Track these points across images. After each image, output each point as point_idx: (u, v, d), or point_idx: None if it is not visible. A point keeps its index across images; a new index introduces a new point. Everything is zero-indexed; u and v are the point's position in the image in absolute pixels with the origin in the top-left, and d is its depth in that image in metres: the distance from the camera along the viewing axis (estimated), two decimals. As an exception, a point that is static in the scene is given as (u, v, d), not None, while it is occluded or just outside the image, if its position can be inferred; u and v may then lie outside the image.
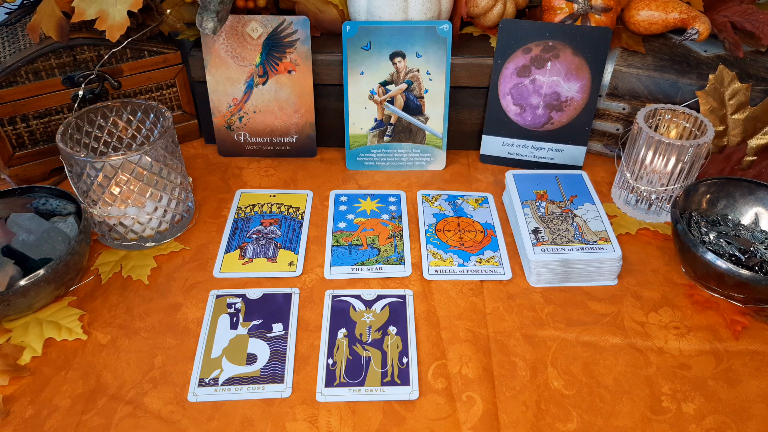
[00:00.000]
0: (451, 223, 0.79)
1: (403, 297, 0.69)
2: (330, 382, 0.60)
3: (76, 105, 0.82)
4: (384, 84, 0.84)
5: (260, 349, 0.64)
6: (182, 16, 0.89)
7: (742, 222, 0.75)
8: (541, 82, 0.84)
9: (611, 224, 0.75)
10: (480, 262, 0.74)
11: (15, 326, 0.65)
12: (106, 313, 0.67)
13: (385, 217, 0.80)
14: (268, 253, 0.75)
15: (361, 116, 0.86)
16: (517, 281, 0.72)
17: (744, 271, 0.63)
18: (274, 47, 0.83)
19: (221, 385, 0.60)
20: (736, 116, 0.81)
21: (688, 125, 0.79)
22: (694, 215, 0.75)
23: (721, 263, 0.64)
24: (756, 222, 0.74)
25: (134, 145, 0.79)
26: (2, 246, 0.68)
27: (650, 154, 0.76)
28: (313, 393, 0.60)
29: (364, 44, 0.82)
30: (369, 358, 0.63)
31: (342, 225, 0.79)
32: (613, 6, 0.82)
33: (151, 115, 0.77)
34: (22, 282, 0.61)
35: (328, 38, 0.87)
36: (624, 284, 0.72)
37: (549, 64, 0.83)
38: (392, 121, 0.87)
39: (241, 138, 0.90)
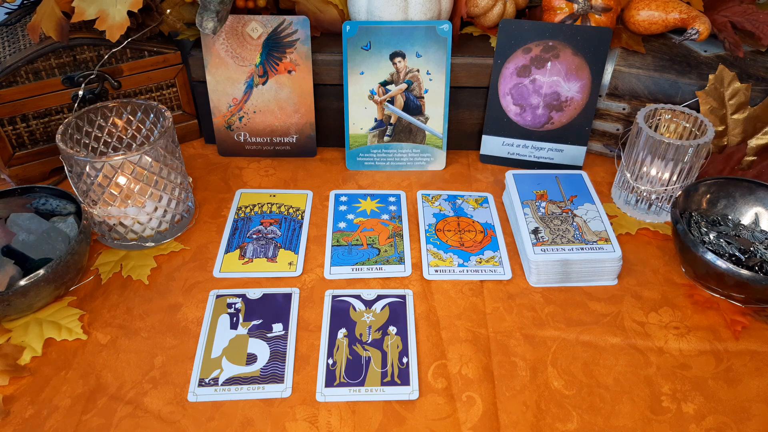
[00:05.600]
0: (451, 223, 0.79)
1: (403, 297, 0.69)
2: (330, 382, 0.60)
3: (76, 105, 0.82)
4: (384, 84, 0.84)
5: (260, 349, 0.64)
6: (182, 16, 0.90)
7: (742, 222, 0.75)
8: (541, 82, 0.84)
9: (611, 224, 0.75)
10: (480, 262, 0.74)
11: (15, 326, 0.65)
12: (106, 313, 0.67)
13: (385, 217, 0.80)
14: (268, 253, 0.75)
15: (361, 116, 0.86)
16: (517, 281, 0.72)
17: (744, 271, 0.63)
18: (274, 47, 0.83)
19: (221, 385, 0.60)
20: (736, 116, 0.81)
21: (688, 125, 0.79)
22: (694, 215, 0.75)
23: (721, 263, 0.64)
24: (756, 222, 0.74)
25: (134, 145, 0.79)
26: (2, 246, 0.68)
27: (650, 154, 0.76)
28: (313, 393, 0.60)
29: (364, 44, 0.82)
30: (369, 358, 0.63)
31: (342, 225, 0.79)
32: (613, 6, 0.82)
33: (151, 115, 0.77)
34: (22, 282, 0.61)
35: (328, 38, 0.87)
36: (624, 284, 0.72)
37: (549, 64, 0.83)
38: (392, 121, 0.87)
39: (241, 138, 0.90)
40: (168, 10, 0.87)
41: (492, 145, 0.90)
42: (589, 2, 0.82)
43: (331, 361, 0.62)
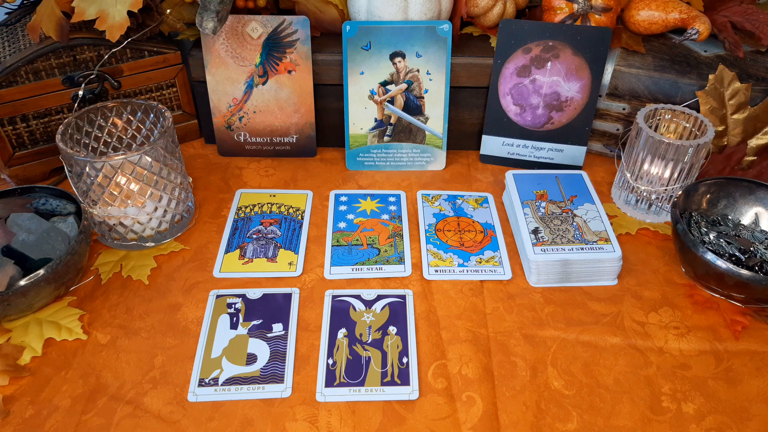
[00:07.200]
0: (451, 223, 0.79)
1: (403, 297, 0.69)
2: (330, 382, 0.60)
3: (76, 105, 0.82)
4: (384, 84, 0.84)
5: (260, 349, 0.64)
6: (182, 16, 0.89)
7: (742, 222, 0.75)
8: (541, 82, 0.84)
9: (611, 224, 0.75)
10: (480, 262, 0.74)
11: (15, 326, 0.65)
12: (106, 313, 0.67)
13: (385, 217, 0.80)
14: (268, 253, 0.75)
15: (361, 116, 0.86)
16: (517, 281, 0.72)
17: (744, 271, 0.63)
18: (274, 47, 0.83)
19: (221, 385, 0.60)
20: (736, 116, 0.81)
21: (688, 125, 0.79)
22: (694, 215, 0.75)
23: (721, 263, 0.64)
24: (756, 222, 0.74)
25: (134, 145, 0.79)
26: (2, 246, 0.68)
27: (650, 154, 0.76)
28: (313, 393, 0.60)
29: (364, 44, 0.82)
30: (369, 358, 0.63)
31: (342, 225, 0.79)
32: (613, 6, 0.82)
33: (151, 115, 0.77)
34: (22, 282, 0.61)
35: (328, 38, 0.87)
36: (624, 284, 0.72)
37: (549, 64, 0.83)
38: (392, 121, 0.87)
39: (241, 138, 0.90)
40: (168, 10, 0.87)
41: (492, 145, 0.90)
42: (589, 2, 0.82)
43: (331, 361, 0.62)
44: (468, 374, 0.61)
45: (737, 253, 0.70)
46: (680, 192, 0.73)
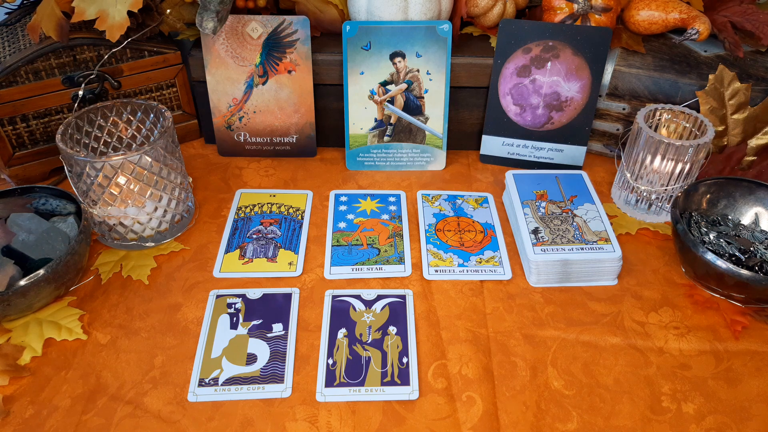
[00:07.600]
0: (451, 223, 0.79)
1: (403, 297, 0.69)
2: (330, 382, 0.60)
3: (76, 105, 0.82)
4: (384, 84, 0.84)
5: (260, 349, 0.64)
6: (182, 16, 0.89)
7: (742, 222, 0.75)
8: (541, 82, 0.84)
9: (611, 224, 0.75)
10: (480, 262, 0.74)
11: (15, 326, 0.65)
12: (106, 313, 0.67)
13: (385, 217, 0.80)
14: (268, 253, 0.75)
15: (361, 116, 0.86)
16: (517, 281, 0.72)
17: (744, 271, 0.63)
18: (274, 47, 0.83)
19: (221, 385, 0.60)
20: (736, 116, 0.81)
21: (688, 125, 0.79)
22: (694, 215, 0.75)
23: (721, 263, 0.64)
24: (756, 222, 0.74)
25: (134, 145, 0.79)
26: (2, 246, 0.68)
27: (650, 154, 0.76)
28: (313, 393, 0.60)
29: (364, 44, 0.82)
30: (369, 358, 0.63)
31: (342, 225, 0.79)
32: (613, 6, 0.82)
33: (151, 115, 0.77)
34: (22, 282, 0.61)
35: (328, 38, 0.87)
36: (624, 284, 0.72)
37: (549, 64, 0.83)
38: (392, 121, 0.87)
39: (241, 138, 0.90)
40: (168, 10, 0.87)
41: (492, 145, 0.90)
42: (589, 2, 0.82)
43: (331, 361, 0.62)
44: (468, 374, 0.61)
45: (737, 253, 0.70)
46: (680, 192, 0.73)
